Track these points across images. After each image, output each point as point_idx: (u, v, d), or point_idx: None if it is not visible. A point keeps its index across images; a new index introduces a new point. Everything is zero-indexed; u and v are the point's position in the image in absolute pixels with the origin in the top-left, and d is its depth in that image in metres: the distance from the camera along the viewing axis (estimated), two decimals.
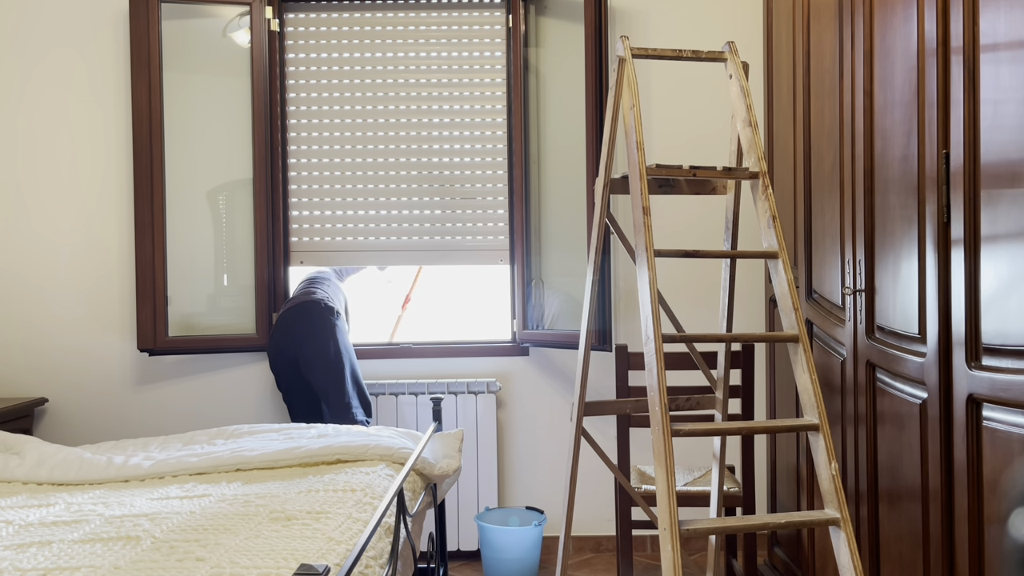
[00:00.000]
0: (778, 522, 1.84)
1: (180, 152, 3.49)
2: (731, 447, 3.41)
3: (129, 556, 1.82)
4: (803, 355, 1.98)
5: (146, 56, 3.41)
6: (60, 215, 3.60)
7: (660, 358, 1.89)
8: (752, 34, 3.59)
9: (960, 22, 1.68)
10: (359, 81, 3.65)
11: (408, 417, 3.57)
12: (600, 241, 2.44)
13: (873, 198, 2.15)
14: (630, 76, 2.23)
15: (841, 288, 2.37)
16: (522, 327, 3.62)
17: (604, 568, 3.51)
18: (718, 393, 2.54)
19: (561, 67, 3.57)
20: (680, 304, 3.61)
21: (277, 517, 2.07)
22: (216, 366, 3.64)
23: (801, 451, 2.74)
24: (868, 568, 2.20)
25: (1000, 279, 1.57)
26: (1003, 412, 1.57)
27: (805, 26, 2.69)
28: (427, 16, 3.65)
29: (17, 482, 2.53)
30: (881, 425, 2.12)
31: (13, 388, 3.60)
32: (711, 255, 2.12)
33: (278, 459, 2.58)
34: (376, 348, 3.71)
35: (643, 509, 2.45)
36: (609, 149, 2.40)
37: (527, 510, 3.50)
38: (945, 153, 1.74)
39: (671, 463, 1.79)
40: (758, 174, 2.18)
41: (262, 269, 3.52)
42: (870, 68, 2.15)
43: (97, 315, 3.61)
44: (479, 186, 3.66)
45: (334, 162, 3.65)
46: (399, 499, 2.18)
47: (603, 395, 3.65)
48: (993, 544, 1.61)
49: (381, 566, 1.97)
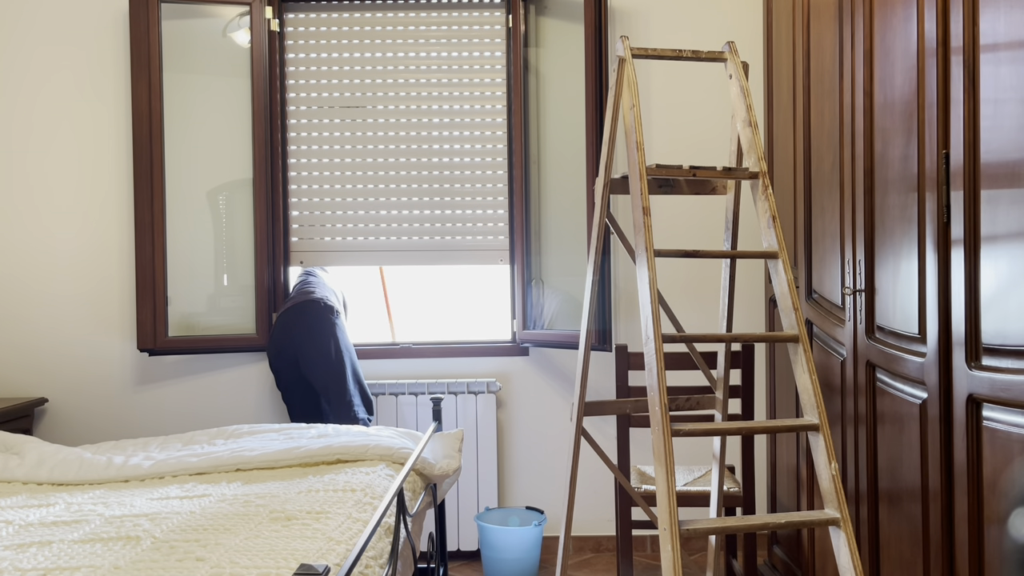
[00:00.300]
0: (778, 522, 1.84)
1: (180, 152, 3.49)
2: (731, 447, 3.41)
3: (129, 556, 1.82)
4: (803, 355, 1.98)
5: (146, 56, 3.41)
6: (60, 215, 3.60)
7: (660, 358, 1.89)
8: (752, 34, 3.59)
9: (960, 22, 1.68)
10: (359, 81, 3.65)
11: (408, 417, 3.57)
12: (600, 241, 2.44)
13: (873, 198, 2.15)
14: (630, 76, 2.23)
15: (841, 288, 2.37)
16: (522, 327, 3.62)
17: (604, 568, 3.51)
18: (718, 393, 2.54)
19: (561, 67, 3.57)
20: (680, 304, 3.61)
21: (277, 517, 2.07)
22: (216, 366, 3.64)
23: (801, 451, 2.74)
24: (868, 568, 2.20)
25: (1000, 279, 1.57)
26: (1003, 412, 1.57)
27: (805, 26, 2.69)
28: (427, 16, 3.65)
29: (17, 482, 2.53)
30: (881, 425, 2.12)
31: (13, 388, 3.60)
32: (711, 255, 2.12)
33: (278, 459, 2.58)
34: (376, 348, 3.71)
35: (643, 509, 2.45)
36: (609, 149, 2.40)
37: (527, 510, 3.50)
38: (945, 153, 1.74)
39: (671, 463, 1.79)
40: (758, 174, 2.18)
41: (262, 269, 3.53)
42: (870, 68, 2.15)
43: (97, 315, 3.61)
44: (479, 186, 3.66)
45: (334, 162, 3.65)
46: (399, 499, 2.18)
47: (603, 395, 3.65)
48: (993, 544, 1.61)
49: (381, 566, 1.97)
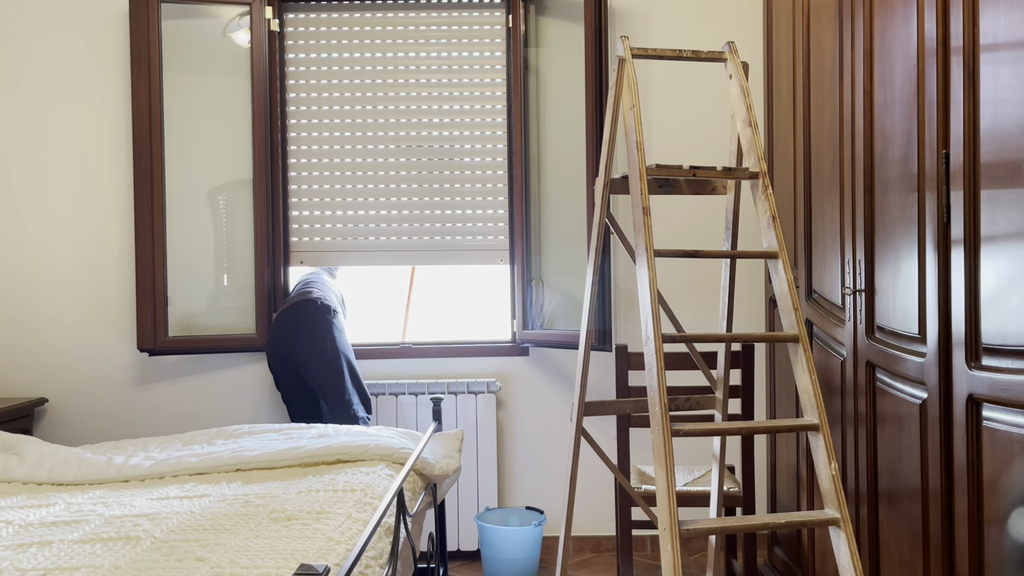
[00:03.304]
0: (778, 522, 1.84)
1: (180, 152, 3.49)
2: (731, 447, 3.41)
3: (129, 556, 1.82)
4: (803, 355, 1.98)
5: (146, 56, 3.41)
6: (60, 216, 3.60)
7: (660, 358, 1.89)
8: (752, 34, 3.59)
9: (960, 22, 1.68)
10: (359, 81, 3.65)
11: (408, 417, 3.57)
12: (600, 241, 2.44)
13: (873, 198, 2.15)
14: (630, 76, 2.23)
15: (841, 288, 2.36)
16: (522, 327, 3.62)
17: (604, 568, 3.51)
18: (718, 393, 2.54)
19: (561, 67, 3.57)
20: (680, 304, 3.61)
21: (277, 517, 2.07)
22: (216, 366, 3.64)
23: (801, 451, 2.74)
24: (868, 568, 2.20)
25: (1000, 279, 1.57)
26: (1003, 412, 1.57)
27: (805, 26, 2.69)
28: (427, 16, 3.65)
29: (17, 482, 2.53)
30: (881, 425, 2.12)
31: (13, 388, 3.60)
32: (711, 255, 2.12)
33: (278, 459, 2.58)
34: (376, 348, 3.71)
35: (643, 509, 2.45)
36: (609, 149, 2.40)
37: (527, 510, 3.50)
38: (945, 153, 1.74)
39: (671, 463, 1.79)
40: (758, 174, 2.18)
41: (262, 269, 3.53)
42: (870, 68, 2.15)
43: (97, 315, 3.61)
44: (479, 186, 3.66)
45: (334, 162, 3.65)
46: (399, 499, 2.18)
47: (603, 395, 3.65)
48: (993, 544, 1.61)
49: (381, 566, 1.97)
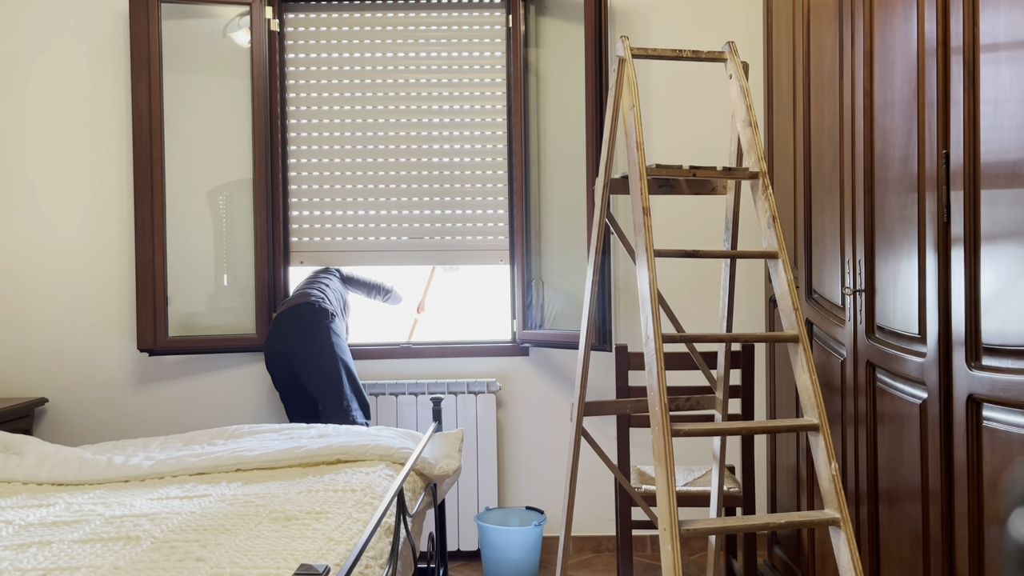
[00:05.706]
0: (778, 522, 1.84)
1: (180, 152, 3.49)
2: (731, 447, 3.41)
3: (129, 556, 1.82)
4: (803, 355, 1.98)
5: (146, 56, 3.41)
6: (60, 215, 3.60)
7: (660, 358, 1.89)
8: (752, 34, 3.59)
9: (960, 22, 1.68)
10: (359, 81, 3.65)
11: (408, 417, 3.57)
12: (600, 241, 2.44)
13: (873, 198, 2.15)
14: (630, 76, 2.23)
15: (841, 288, 2.36)
16: (522, 327, 3.61)
17: (604, 568, 3.51)
18: (718, 393, 2.54)
19: (561, 67, 3.57)
20: (680, 304, 3.61)
21: (277, 517, 2.07)
22: (216, 366, 3.64)
23: (801, 451, 2.74)
24: (868, 568, 2.20)
25: (1000, 279, 1.57)
26: (1003, 412, 1.57)
27: (805, 26, 2.69)
28: (427, 16, 3.65)
29: (17, 482, 2.53)
30: (881, 425, 2.12)
31: (13, 388, 3.60)
32: (711, 255, 2.12)
33: (278, 459, 2.58)
34: (376, 348, 3.70)
35: (643, 509, 2.45)
36: (609, 149, 2.40)
37: (527, 510, 3.50)
38: (945, 153, 1.74)
39: (671, 463, 1.79)
40: (758, 174, 2.18)
41: (262, 269, 3.52)
42: (870, 68, 2.15)
43: (97, 315, 3.61)
44: (479, 186, 3.66)
45: (334, 162, 3.65)
46: (399, 499, 2.18)
47: (603, 395, 3.65)
48: (993, 544, 1.61)
49: (381, 566, 1.97)
